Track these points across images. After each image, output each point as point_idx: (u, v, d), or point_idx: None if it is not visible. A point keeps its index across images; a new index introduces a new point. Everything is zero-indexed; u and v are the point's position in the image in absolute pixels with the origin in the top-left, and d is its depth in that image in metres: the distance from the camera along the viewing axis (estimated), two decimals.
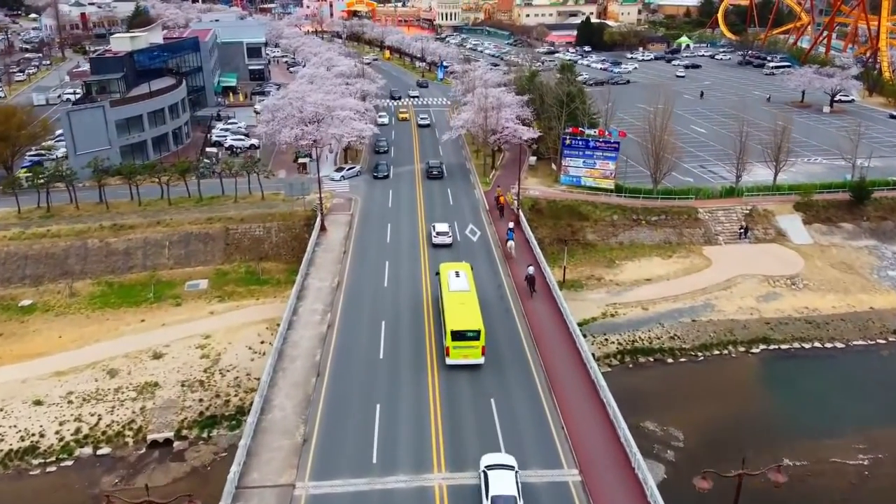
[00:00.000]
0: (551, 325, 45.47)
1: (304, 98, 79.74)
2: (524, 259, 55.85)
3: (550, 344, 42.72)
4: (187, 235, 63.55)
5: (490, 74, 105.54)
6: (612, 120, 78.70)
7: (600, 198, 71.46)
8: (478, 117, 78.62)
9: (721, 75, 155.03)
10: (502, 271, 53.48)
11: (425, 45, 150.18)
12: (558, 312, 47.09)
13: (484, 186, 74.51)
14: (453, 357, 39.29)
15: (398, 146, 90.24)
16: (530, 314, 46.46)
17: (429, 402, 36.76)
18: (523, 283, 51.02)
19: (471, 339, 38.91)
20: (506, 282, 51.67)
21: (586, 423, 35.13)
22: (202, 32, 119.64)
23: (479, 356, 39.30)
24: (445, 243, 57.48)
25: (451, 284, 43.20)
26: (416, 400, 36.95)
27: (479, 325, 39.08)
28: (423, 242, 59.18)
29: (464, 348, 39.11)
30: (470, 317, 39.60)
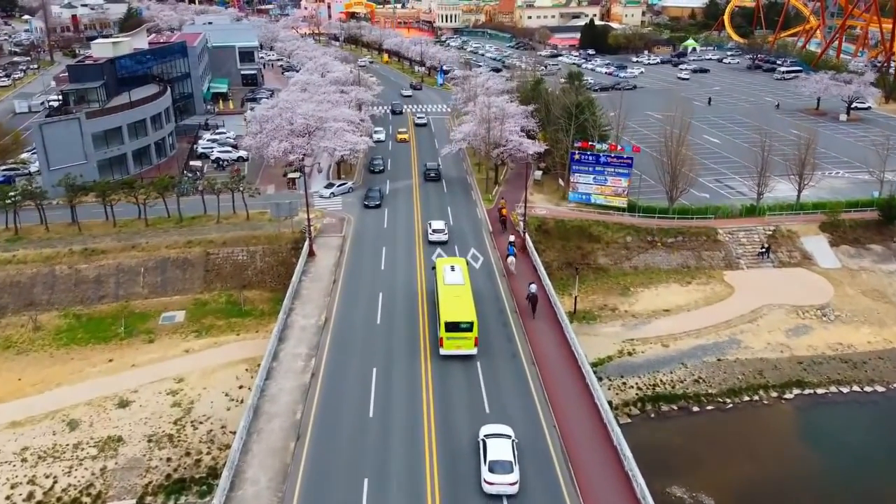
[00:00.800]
0: (562, 368, 40.35)
1: (295, 109, 74.56)
2: (526, 277, 51.83)
3: (563, 396, 37.55)
4: (164, 261, 58.40)
5: (492, 82, 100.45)
6: (622, 131, 73.45)
7: (612, 217, 66.33)
8: (480, 129, 73.49)
9: (730, 80, 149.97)
10: (509, 312, 48.10)
11: (424, 48, 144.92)
12: (568, 348, 42.27)
13: (486, 204, 69.31)
14: (447, 348, 40.52)
15: (395, 160, 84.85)
16: (540, 358, 41.27)
17: (426, 477, 31.59)
18: (524, 302, 47.06)
19: (464, 331, 40.12)
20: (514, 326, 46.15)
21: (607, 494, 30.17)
22: (191, 36, 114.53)
23: (472, 347, 40.54)
24: (441, 240, 58.76)
25: (447, 278, 44.65)
26: (411, 475, 31.79)
27: (473, 317, 40.46)
28: (420, 269, 54.07)
29: (457, 339, 40.32)
30: (464, 309, 40.91)
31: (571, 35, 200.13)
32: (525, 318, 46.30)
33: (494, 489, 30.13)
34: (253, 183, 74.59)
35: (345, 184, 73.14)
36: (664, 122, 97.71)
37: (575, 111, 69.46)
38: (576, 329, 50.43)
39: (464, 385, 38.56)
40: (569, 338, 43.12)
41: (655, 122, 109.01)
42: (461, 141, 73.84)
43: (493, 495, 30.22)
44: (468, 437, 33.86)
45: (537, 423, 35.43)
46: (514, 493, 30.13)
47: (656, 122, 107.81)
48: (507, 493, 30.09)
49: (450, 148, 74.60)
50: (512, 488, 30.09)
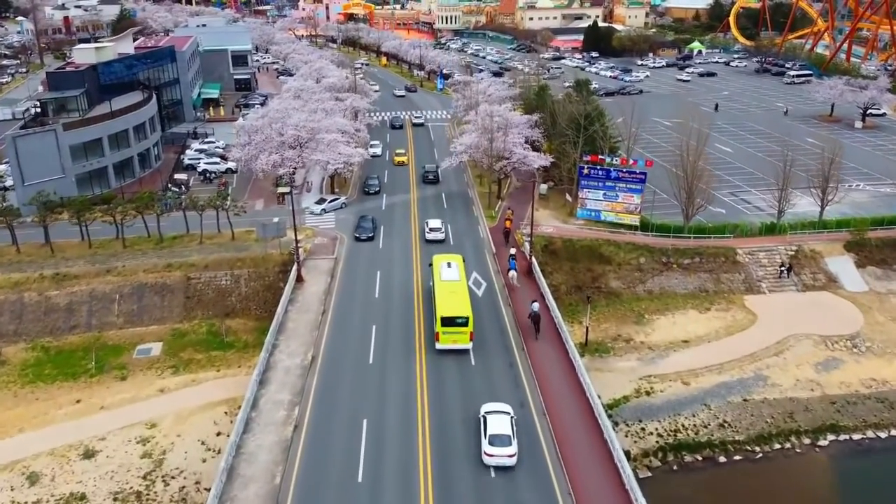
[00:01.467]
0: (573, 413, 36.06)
1: (285, 120, 70.23)
2: (529, 295, 48.66)
3: (575, 450, 33.23)
4: (141, 287, 54.04)
5: (494, 88, 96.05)
6: (633, 142, 68.93)
7: (624, 236, 61.98)
8: (482, 140, 69.12)
9: (738, 84, 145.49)
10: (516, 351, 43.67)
11: (424, 52, 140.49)
12: (579, 386, 38.26)
13: (489, 221, 64.94)
14: (443, 342, 41.37)
15: (393, 178, 78.67)
16: (550, 408, 36.91)
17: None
18: (526, 321, 44.85)
19: (460, 325, 40.98)
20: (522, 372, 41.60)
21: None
22: (181, 40, 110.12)
23: (468, 341, 41.42)
24: (438, 239, 59.29)
25: (443, 274, 45.47)
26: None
27: (468, 312, 41.30)
28: (418, 295, 49.77)
29: (453, 334, 41.14)
30: (459, 304, 41.77)
31: (574, 37, 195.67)
32: (528, 340, 43.72)
33: (494, 461, 32.05)
34: (241, 198, 70.46)
35: (337, 199, 68.77)
36: (680, 133, 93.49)
37: (583, 122, 64.93)
38: (588, 364, 46.24)
39: (463, 441, 34.20)
40: (583, 382, 38.77)
41: (664, 129, 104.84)
42: (462, 153, 69.41)
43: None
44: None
45: (549, 488, 31.08)
46: (512, 464, 32.09)
47: (665, 130, 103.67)
48: (506, 465, 32.04)
49: (450, 161, 70.12)
50: (510, 460, 32.02)
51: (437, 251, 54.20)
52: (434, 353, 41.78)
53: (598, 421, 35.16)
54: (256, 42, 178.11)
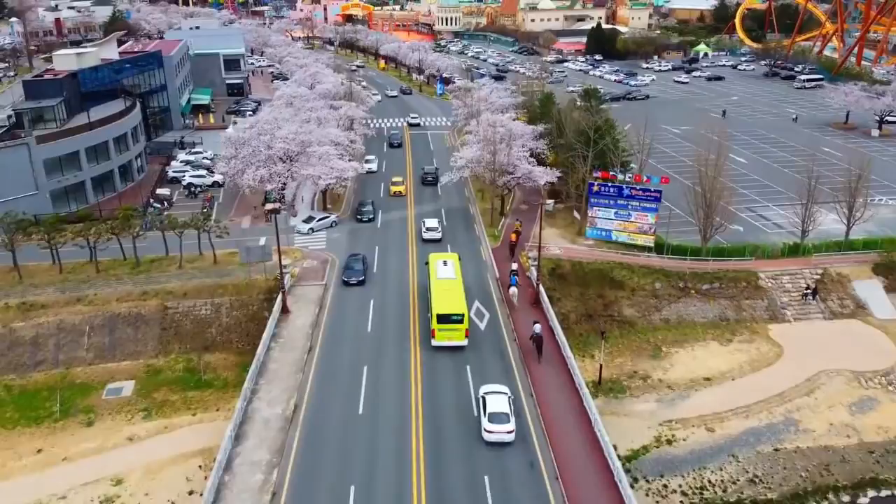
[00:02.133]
0: (589, 476, 31.70)
1: (274, 132, 65.83)
2: (531, 312, 46.23)
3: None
4: (113, 317, 49.61)
5: (496, 95, 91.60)
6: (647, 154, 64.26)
7: (638, 258, 57.55)
8: (484, 153, 64.70)
9: (747, 89, 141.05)
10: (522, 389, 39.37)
11: (423, 55, 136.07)
12: (593, 435, 34.48)
13: (492, 241, 60.49)
14: (438, 339, 42.14)
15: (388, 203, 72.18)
16: (564, 472, 32.53)
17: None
18: (528, 343, 42.76)
19: (455, 322, 41.71)
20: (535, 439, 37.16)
21: None
22: (169, 44, 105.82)
23: (463, 338, 42.14)
24: (435, 238, 59.73)
25: (439, 272, 46.28)
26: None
27: (464, 309, 42.24)
28: (414, 328, 45.43)
29: (448, 331, 41.82)
30: (455, 302, 42.60)
31: (577, 39, 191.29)
32: (531, 365, 41.43)
33: (494, 437, 34.00)
34: (227, 214, 66.28)
35: (326, 217, 64.15)
36: (693, 143, 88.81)
37: (593, 136, 60.43)
38: (602, 406, 42.01)
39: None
40: (599, 438, 34.40)
41: (674, 138, 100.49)
42: (463, 168, 64.92)
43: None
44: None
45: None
46: (511, 440, 33.97)
47: (675, 139, 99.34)
48: (505, 441, 33.92)
49: (450, 177, 65.57)
50: (509, 436, 34.00)
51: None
52: (431, 403, 37.50)
53: (619, 488, 30.80)
54: (251, 44, 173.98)
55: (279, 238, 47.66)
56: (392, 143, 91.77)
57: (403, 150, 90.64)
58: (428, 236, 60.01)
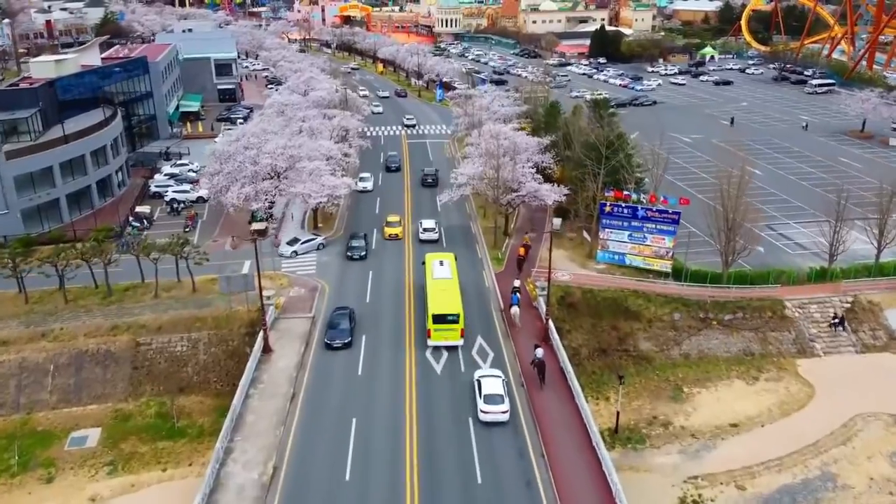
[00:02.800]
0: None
1: (261, 146, 61.37)
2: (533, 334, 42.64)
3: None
4: (80, 355, 45.15)
5: (498, 104, 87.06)
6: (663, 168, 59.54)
7: (654, 286, 53.05)
8: (487, 168, 60.21)
9: (757, 94, 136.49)
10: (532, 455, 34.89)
11: (422, 60, 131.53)
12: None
13: (495, 266, 55.92)
14: (434, 339, 42.38)
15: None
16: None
17: None
18: (530, 369, 40.16)
19: (451, 322, 41.98)
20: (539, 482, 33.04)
21: None
22: (156, 49, 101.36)
23: (459, 338, 42.45)
24: (432, 239, 59.20)
25: (435, 272, 46.63)
26: None
27: (459, 309, 42.38)
28: (410, 369, 41.01)
29: (444, 331, 42.09)
30: (451, 302, 42.84)
31: (580, 42, 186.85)
32: (534, 394, 38.63)
33: (489, 417, 35.70)
34: (211, 233, 61.83)
35: (312, 239, 59.28)
36: (712, 158, 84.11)
37: (605, 152, 55.85)
38: (619, 459, 37.70)
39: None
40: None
41: (685, 147, 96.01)
42: (464, 186, 60.34)
43: None
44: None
45: None
46: (505, 420, 35.68)
47: (685, 148, 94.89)
48: (500, 420, 35.60)
49: (450, 194, 60.93)
50: (504, 416, 35.68)
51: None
52: (427, 458, 33.11)
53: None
54: (246, 47, 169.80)
55: (261, 265, 43.36)
56: (389, 166, 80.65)
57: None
58: (425, 237, 59.36)
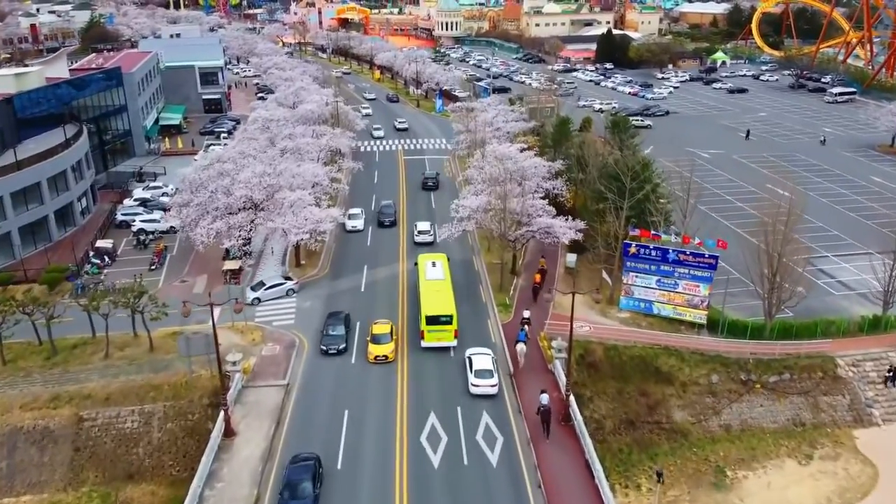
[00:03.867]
0: None
1: (236, 173, 54.21)
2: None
3: None
4: (14, 433, 37.99)
5: (502, 119, 79.93)
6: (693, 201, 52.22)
7: (687, 341, 45.87)
8: (492, 198, 53.02)
9: (774, 103, 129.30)
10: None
11: (421, 67, 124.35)
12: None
13: (503, 314, 48.53)
14: (428, 340, 42.60)
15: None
16: None
17: None
18: (534, 417, 36.36)
19: (444, 324, 42.22)
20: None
21: None
22: (134, 58, 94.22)
23: (452, 339, 42.72)
24: (427, 241, 58.63)
25: (428, 273, 46.59)
26: None
27: (452, 310, 42.60)
28: (401, 458, 33.91)
29: (438, 332, 42.35)
30: (444, 303, 43.04)
31: (585, 46, 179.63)
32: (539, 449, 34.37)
33: (479, 390, 38.34)
34: (181, 271, 54.69)
35: (281, 284, 50.86)
36: (730, 174, 76.93)
37: (629, 183, 48.46)
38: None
39: None
40: None
41: (703, 163, 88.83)
42: (467, 220, 53.04)
43: None
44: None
45: None
46: (494, 392, 38.27)
47: (705, 166, 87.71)
48: (490, 394, 38.22)
49: (450, 230, 53.48)
50: (493, 389, 38.38)
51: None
52: None
53: None
54: (237, 52, 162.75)
55: (226, 319, 36.10)
56: (382, 221, 63.21)
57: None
58: (420, 239, 59.03)
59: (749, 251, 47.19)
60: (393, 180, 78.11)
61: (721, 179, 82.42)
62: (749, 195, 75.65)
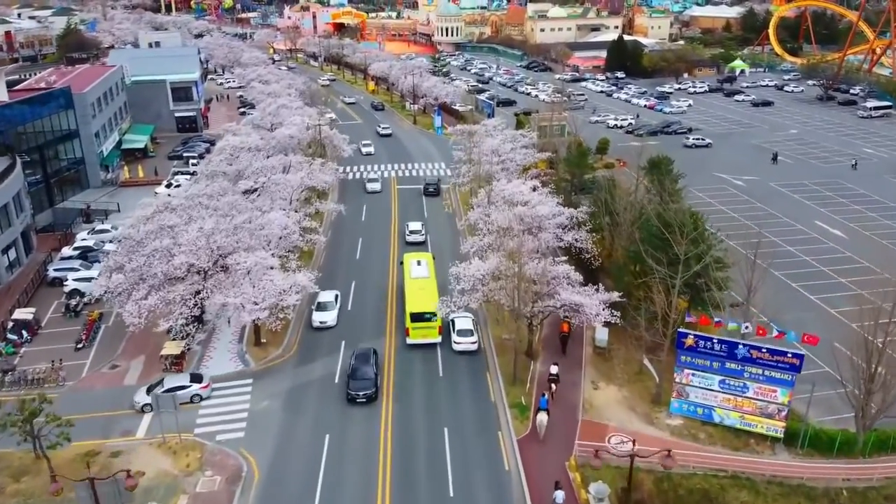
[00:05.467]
0: None
1: (181, 232, 43.20)
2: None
3: None
4: None
5: (509, 146, 68.97)
6: (759, 277, 40.95)
7: (760, 464, 34.77)
8: (503, 262, 42.00)
9: (803, 118, 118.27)
10: None
11: (418, 80, 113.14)
12: None
13: (518, 422, 37.42)
14: (413, 337, 43.52)
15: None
16: None
17: None
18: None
19: (428, 321, 43.01)
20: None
21: None
22: (91, 74, 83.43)
23: (437, 336, 43.61)
24: (419, 241, 59.29)
25: (413, 272, 47.57)
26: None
27: (437, 307, 42.18)
28: None
29: (422, 329, 43.26)
30: (428, 300, 43.50)
31: (594, 53, 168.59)
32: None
33: (461, 347, 42.69)
34: (114, 349, 43.73)
35: (185, 388, 38.33)
36: (771, 208, 65.62)
37: (683, 252, 37.17)
38: None
39: None
40: None
41: (736, 192, 78.13)
42: (471, 291, 41.87)
43: None
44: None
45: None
46: (475, 349, 42.83)
47: (738, 195, 76.90)
48: (471, 350, 42.69)
49: (450, 305, 42.33)
50: (473, 346, 42.85)
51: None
52: None
53: None
54: (222, 61, 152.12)
55: (164, 424, 25.05)
56: (355, 396, 38.67)
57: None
58: (412, 239, 59.67)
59: (821, 321, 36.18)
60: (384, 230, 64.67)
61: (762, 215, 71.57)
62: (799, 236, 64.84)
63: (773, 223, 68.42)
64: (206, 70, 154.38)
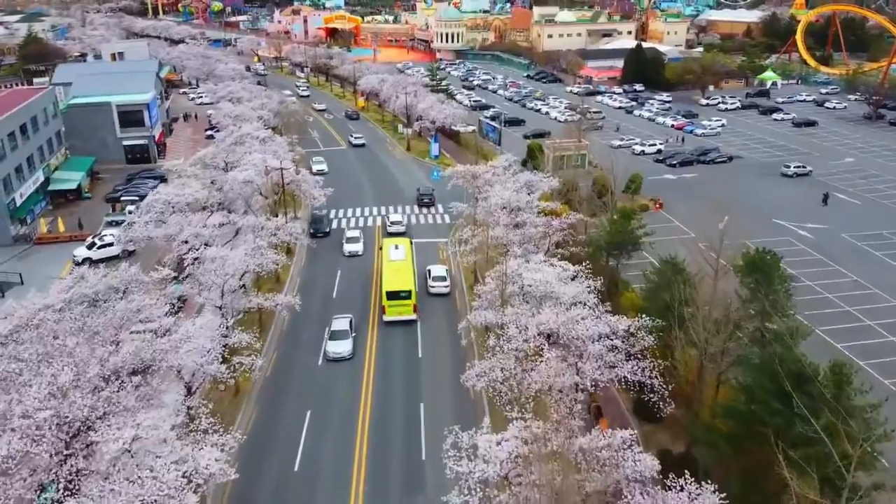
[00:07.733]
0: None
1: (46, 365, 27.83)
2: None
3: None
4: None
5: (524, 198, 53.25)
6: None
7: None
8: (529, 432, 26.58)
9: (853, 141, 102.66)
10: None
11: (413, 101, 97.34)
12: None
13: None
14: (389, 314, 45.81)
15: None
16: None
17: None
18: None
19: (403, 299, 45.54)
20: None
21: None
22: (9, 100, 68.02)
23: (412, 313, 46.03)
24: (400, 231, 60.57)
25: (391, 255, 49.50)
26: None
27: (411, 286, 45.90)
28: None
29: (398, 306, 45.61)
30: (403, 280, 46.22)
31: (609, 63, 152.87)
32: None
33: (435, 290, 49.77)
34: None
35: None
36: (848, 270, 50.17)
37: (821, 427, 21.78)
38: None
39: None
40: None
41: (803, 246, 62.89)
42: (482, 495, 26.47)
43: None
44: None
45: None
46: (447, 292, 49.97)
47: (806, 249, 61.69)
48: (443, 293, 49.93)
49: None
50: (446, 289, 50.09)
51: None
52: None
53: None
54: (195, 73, 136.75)
55: None
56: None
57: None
58: (393, 230, 61.19)
59: None
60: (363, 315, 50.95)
61: (831, 272, 56.31)
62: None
63: (867, 302, 52.47)
64: (177, 83, 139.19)
